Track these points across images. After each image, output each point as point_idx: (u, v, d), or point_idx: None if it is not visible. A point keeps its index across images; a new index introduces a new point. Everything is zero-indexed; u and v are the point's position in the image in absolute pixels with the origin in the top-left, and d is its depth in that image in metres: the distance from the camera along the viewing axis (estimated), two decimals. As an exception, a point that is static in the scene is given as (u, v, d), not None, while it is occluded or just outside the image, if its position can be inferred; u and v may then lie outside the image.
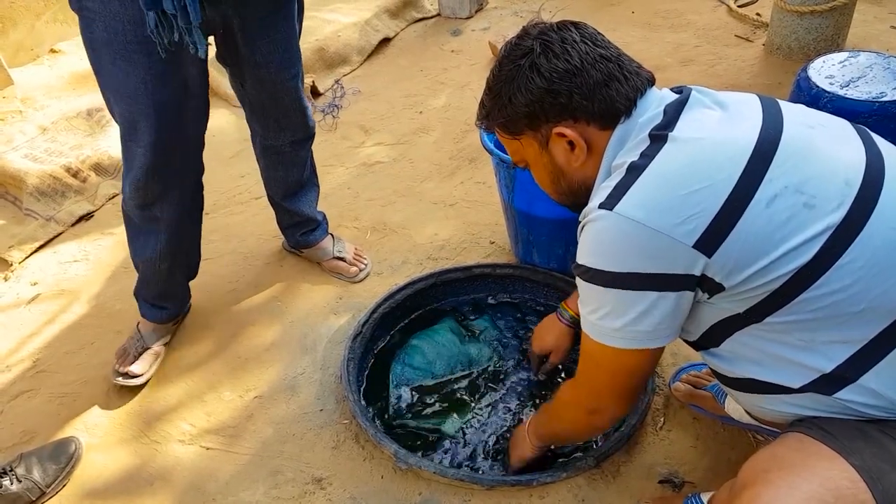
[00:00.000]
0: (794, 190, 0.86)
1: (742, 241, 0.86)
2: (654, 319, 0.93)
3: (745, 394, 1.04)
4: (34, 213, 2.32)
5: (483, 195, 2.27)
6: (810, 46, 2.81)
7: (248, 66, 1.53)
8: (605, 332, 0.98)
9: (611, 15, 3.48)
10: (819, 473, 0.84)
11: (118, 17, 1.29)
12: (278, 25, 1.50)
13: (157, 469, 1.50)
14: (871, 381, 0.90)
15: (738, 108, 0.95)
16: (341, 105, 2.93)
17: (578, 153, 1.01)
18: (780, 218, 0.86)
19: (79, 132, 2.67)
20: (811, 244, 0.85)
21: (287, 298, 1.92)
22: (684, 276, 0.90)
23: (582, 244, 0.96)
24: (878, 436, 0.88)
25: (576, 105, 0.98)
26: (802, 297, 0.87)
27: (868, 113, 1.56)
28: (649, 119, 0.97)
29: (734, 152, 0.88)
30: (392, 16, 3.56)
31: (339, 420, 1.56)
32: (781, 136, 0.90)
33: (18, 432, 1.62)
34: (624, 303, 0.93)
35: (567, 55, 0.97)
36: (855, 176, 0.88)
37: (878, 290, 0.86)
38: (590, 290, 0.96)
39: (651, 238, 0.87)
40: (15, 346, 1.87)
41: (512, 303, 1.86)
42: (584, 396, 1.12)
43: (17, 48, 3.32)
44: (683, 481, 1.35)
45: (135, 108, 1.40)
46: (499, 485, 1.35)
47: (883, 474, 0.82)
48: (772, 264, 0.86)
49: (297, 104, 1.66)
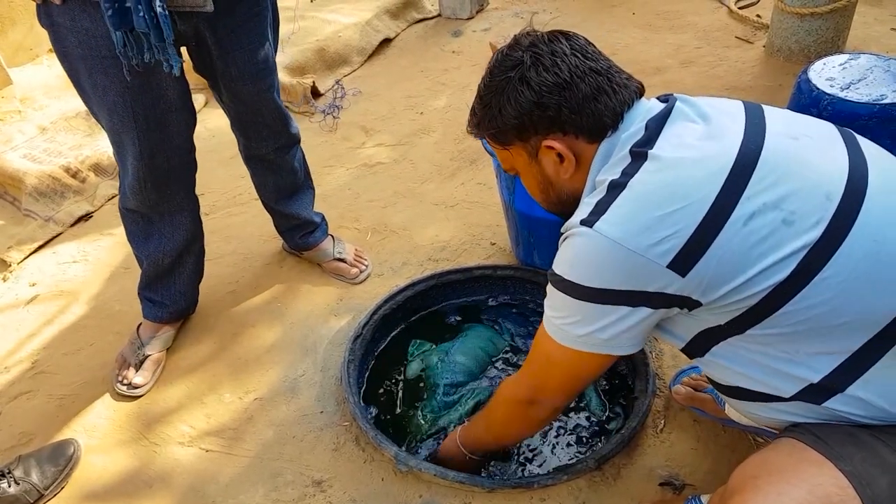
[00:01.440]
0: (772, 207, 0.86)
1: (717, 260, 0.87)
2: (620, 330, 0.95)
3: (738, 401, 1.05)
4: (33, 214, 2.32)
5: (484, 196, 2.27)
6: (811, 48, 2.81)
7: (223, 79, 1.52)
8: (568, 337, 0.99)
9: (611, 16, 3.48)
10: (807, 480, 0.84)
11: (90, 33, 1.26)
12: (252, 37, 1.48)
13: (157, 471, 1.49)
14: (858, 391, 0.90)
15: (720, 122, 0.95)
16: (342, 106, 2.92)
17: (567, 166, 1.03)
18: (758, 236, 0.86)
19: (78, 132, 2.67)
20: (788, 261, 0.85)
21: (287, 300, 1.92)
22: (658, 293, 0.91)
23: (560, 256, 0.98)
24: (870, 441, 0.88)
25: (564, 118, 0.99)
26: (782, 311, 0.88)
27: (868, 115, 1.56)
28: (631, 135, 0.97)
29: (712, 170, 0.88)
30: (393, 16, 3.56)
31: (340, 422, 1.55)
32: (762, 151, 0.90)
33: (17, 434, 1.61)
34: (594, 314, 0.95)
35: (557, 68, 0.98)
36: (836, 189, 0.88)
37: (861, 302, 0.86)
38: (561, 298, 0.98)
39: (626, 257, 0.89)
40: (14, 347, 1.86)
41: (513, 304, 1.86)
42: (525, 389, 1.14)
43: (17, 48, 3.31)
44: (684, 483, 1.35)
45: (116, 120, 1.38)
46: (499, 487, 1.35)
47: (872, 479, 0.82)
48: (748, 281, 0.87)
49: (276, 113, 1.65)
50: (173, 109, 1.44)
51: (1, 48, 3.14)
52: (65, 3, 1.24)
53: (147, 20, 1.18)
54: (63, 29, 1.28)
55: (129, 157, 1.45)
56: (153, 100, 1.38)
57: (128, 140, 1.41)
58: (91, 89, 1.36)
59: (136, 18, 1.18)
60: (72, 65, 1.34)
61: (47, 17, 1.29)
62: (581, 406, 1.56)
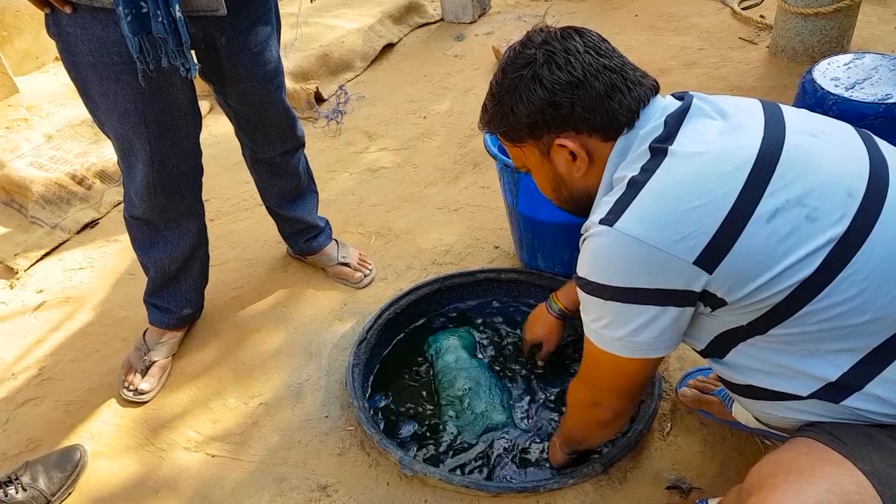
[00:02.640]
0: (795, 203, 0.85)
1: (743, 256, 0.86)
2: (655, 331, 0.94)
3: (752, 400, 1.04)
4: (39, 221, 2.33)
5: (487, 200, 2.27)
6: (815, 48, 2.80)
7: (231, 81, 1.52)
8: (605, 340, 0.98)
9: (614, 18, 3.48)
10: (826, 479, 0.83)
11: (101, 41, 1.26)
12: (259, 38, 1.48)
13: (163, 477, 1.50)
14: (876, 389, 0.89)
15: (740, 117, 0.94)
16: (345, 111, 2.93)
17: (580, 164, 1.02)
18: (782, 232, 0.85)
19: (84, 140, 2.68)
20: (813, 258, 0.84)
21: (292, 304, 1.92)
22: (685, 291, 0.90)
23: (583, 258, 0.96)
24: (888, 441, 0.88)
25: (577, 117, 0.98)
26: (806, 310, 0.87)
27: (874, 115, 1.55)
28: (650, 131, 0.96)
29: (734, 166, 0.87)
30: (395, 21, 3.57)
31: (345, 426, 1.55)
32: (783, 147, 0.89)
33: (24, 440, 1.62)
34: (625, 315, 0.93)
35: (570, 66, 0.97)
36: (858, 186, 0.87)
37: (883, 300, 0.85)
38: (591, 301, 0.96)
39: (651, 255, 0.87)
40: (20, 354, 1.87)
41: (517, 307, 1.85)
42: (585, 392, 1.14)
43: (23, 57, 3.34)
44: (691, 487, 1.34)
45: (127, 126, 1.39)
46: (504, 492, 1.35)
47: (892, 480, 0.81)
48: (774, 279, 0.86)
49: (283, 115, 1.66)
50: (184, 114, 1.45)
51: (7, 57, 3.17)
52: (75, 11, 1.25)
53: (166, 25, 1.18)
54: (73, 38, 1.28)
55: (140, 163, 1.45)
56: (165, 105, 1.39)
57: (139, 146, 1.42)
58: (101, 97, 1.36)
59: (155, 24, 1.19)
60: (81, 73, 1.34)
61: (56, 27, 1.29)
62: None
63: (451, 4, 3.63)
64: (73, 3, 1.23)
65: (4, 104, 3.05)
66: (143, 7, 1.17)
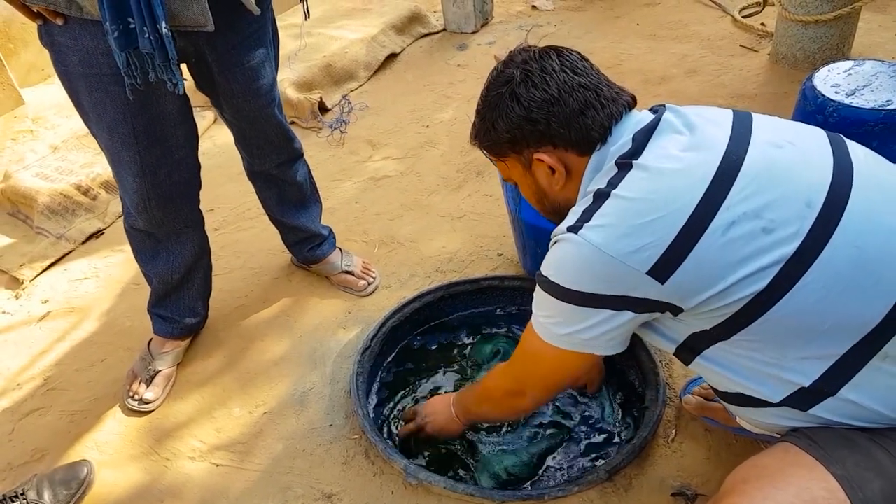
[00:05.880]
0: (752, 215, 0.88)
1: (696, 267, 0.89)
2: (601, 332, 0.99)
3: (736, 406, 1.06)
4: (45, 232, 2.34)
5: (490, 207, 2.28)
6: (815, 55, 2.81)
7: (224, 96, 1.53)
8: (552, 335, 1.04)
9: (616, 27, 3.49)
10: (795, 483, 0.84)
11: (90, 52, 1.27)
12: (252, 53, 1.48)
13: (168, 486, 1.50)
14: (850, 394, 0.90)
15: (706, 131, 0.97)
16: (349, 120, 2.95)
17: (558, 177, 1.06)
18: (737, 244, 0.87)
19: (89, 150, 2.70)
20: (767, 271, 0.87)
21: (296, 313, 1.93)
22: (640, 299, 0.94)
23: (548, 258, 1.01)
24: (865, 444, 0.88)
25: (554, 132, 1.02)
26: (764, 318, 0.89)
27: (874, 121, 1.55)
28: (620, 147, 1.01)
29: (694, 180, 0.91)
30: (398, 31, 3.60)
31: (349, 435, 1.55)
32: (744, 160, 0.92)
33: (30, 450, 1.62)
34: (576, 315, 0.99)
35: (545, 84, 1.02)
36: (817, 197, 0.89)
37: (845, 307, 0.87)
38: (546, 298, 1.01)
39: (607, 263, 0.92)
40: (26, 364, 1.88)
41: (521, 315, 1.85)
42: (511, 382, 1.21)
43: (29, 68, 3.37)
44: (696, 493, 1.34)
45: (116, 138, 1.39)
46: (509, 500, 1.34)
47: (865, 483, 0.82)
48: (727, 289, 0.88)
49: (277, 129, 1.66)
50: (173, 125, 1.44)
51: (13, 69, 3.20)
52: (66, 23, 1.26)
53: (152, 41, 1.19)
54: (64, 48, 1.29)
55: (129, 175, 1.45)
56: (154, 116, 1.39)
57: (128, 157, 1.42)
58: (91, 107, 1.37)
59: (142, 40, 1.19)
60: (72, 83, 1.35)
61: (48, 37, 1.30)
62: (591, 416, 1.55)
63: (453, 14, 3.65)
64: (64, 15, 1.25)
65: (10, 116, 3.08)
66: (131, 23, 1.18)
